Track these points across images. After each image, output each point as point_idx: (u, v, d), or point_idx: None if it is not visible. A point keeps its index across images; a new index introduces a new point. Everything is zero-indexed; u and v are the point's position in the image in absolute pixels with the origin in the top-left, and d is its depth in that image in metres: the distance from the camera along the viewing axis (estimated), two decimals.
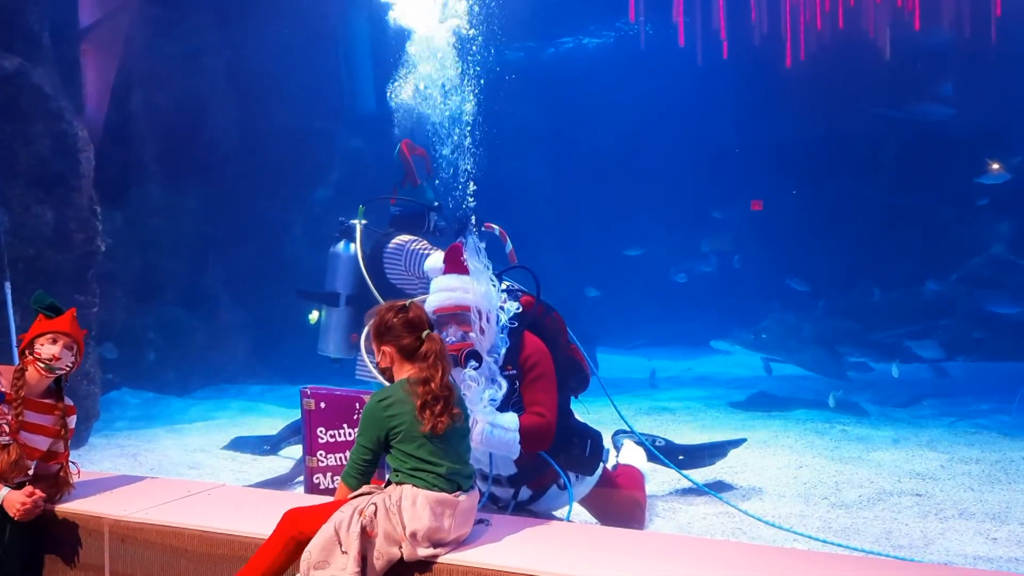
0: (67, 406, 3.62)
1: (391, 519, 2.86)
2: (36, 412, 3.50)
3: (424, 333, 3.02)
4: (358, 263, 5.37)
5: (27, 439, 3.46)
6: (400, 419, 2.92)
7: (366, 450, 2.98)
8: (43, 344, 3.48)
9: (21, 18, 6.86)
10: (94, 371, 7.20)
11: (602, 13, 15.56)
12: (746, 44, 12.19)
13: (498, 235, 5.30)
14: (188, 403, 9.79)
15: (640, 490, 4.51)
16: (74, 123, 7.11)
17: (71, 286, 7.00)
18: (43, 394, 3.55)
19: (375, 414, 2.96)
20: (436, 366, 2.96)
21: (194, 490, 3.90)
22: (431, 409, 2.89)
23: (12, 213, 6.59)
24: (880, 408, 9.07)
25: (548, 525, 3.39)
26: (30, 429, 3.46)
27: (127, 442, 7.32)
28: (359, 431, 3.02)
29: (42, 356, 3.46)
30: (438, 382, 2.93)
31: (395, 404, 2.94)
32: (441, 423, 2.89)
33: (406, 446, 2.93)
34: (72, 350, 3.54)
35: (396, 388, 2.99)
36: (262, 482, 5.85)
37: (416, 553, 2.86)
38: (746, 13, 11.99)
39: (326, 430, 4.02)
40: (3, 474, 3.40)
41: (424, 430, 2.88)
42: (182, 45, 11.02)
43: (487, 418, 3.50)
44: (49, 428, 3.53)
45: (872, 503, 5.30)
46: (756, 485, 5.75)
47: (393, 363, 3.06)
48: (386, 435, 2.95)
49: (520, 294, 3.96)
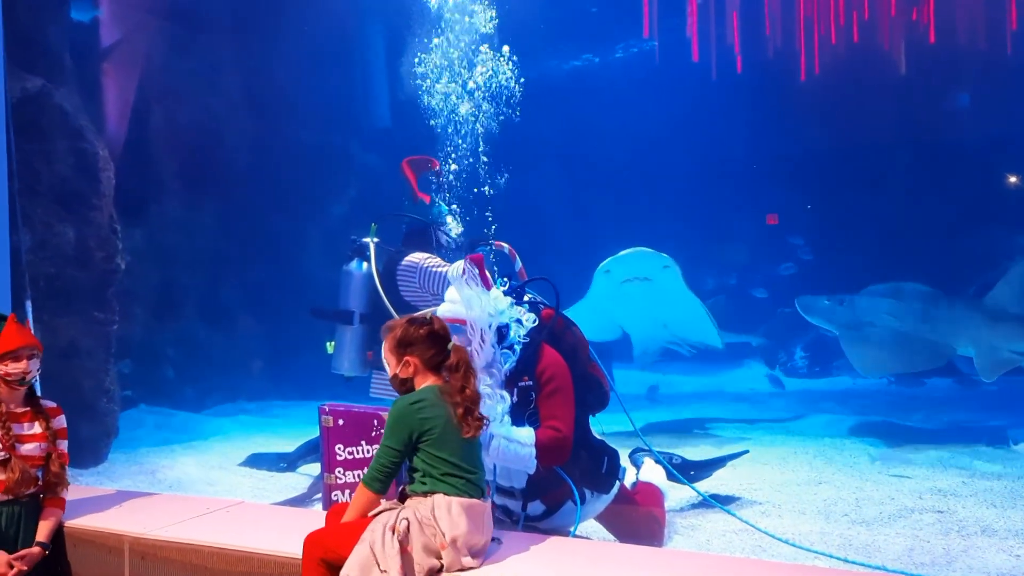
0: (49, 408, 3.60)
1: (426, 531, 2.86)
2: (20, 422, 3.49)
3: (450, 345, 3.07)
4: (371, 281, 5.39)
5: (21, 449, 3.46)
6: (433, 422, 2.94)
7: (394, 452, 2.97)
8: (7, 364, 3.44)
9: (43, 39, 6.94)
10: (113, 388, 7.24)
11: (616, 29, 15.60)
12: (760, 58, 12.20)
13: (507, 253, 5.31)
14: (206, 419, 9.82)
15: (659, 507, 4.49)
16: (95, 142, 7.19)
17: (91, 303, 7.06)
18: (22, 403, 3.54)
19: (407, 415, 2.96)
20: (468, 376, 3.02)
21: (213, 507, 3.91)
22: (471, 415, 2.96)
23: (34, 231, 6.66)
24: (901, 422, 8.98)
25: (567, 541, 3.38)
26: (21, 440, 3.47)
27: (146, 459, 7.35)
28: (386, 434, 3.01)
29: (12, 376, 3.45)
30: (473, 388, 3.00)
31: (428, 407, 2.96)
32: (479, 428, 2.97)
33: (438, 450, 2.94)
34: (36, 356, 3.52)
35: (427, 392, 3.02)
36: (281, 501, 5.86)
37: (459, 562, 2.86)
38: (760, 27, 12.01)
39: (344, 447, 4.01)
40: (13, 490, 3.41)
41: (467, 435, 2.93)
42: (200, 63, 11.14)
43: (503, 432, 3.50)
44: (38, 435, 3.52)
45: (893, 520, 5.25)
46: (775, 502, 5.70)
47: (416, 373, 3.08)
48: (417, 437, 2.95)
49: (541, 307, 3.96)
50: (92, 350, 7.05)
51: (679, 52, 12.68)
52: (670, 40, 13.52)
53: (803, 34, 11.52)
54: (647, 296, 9.12)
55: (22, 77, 6.62)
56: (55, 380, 4.13)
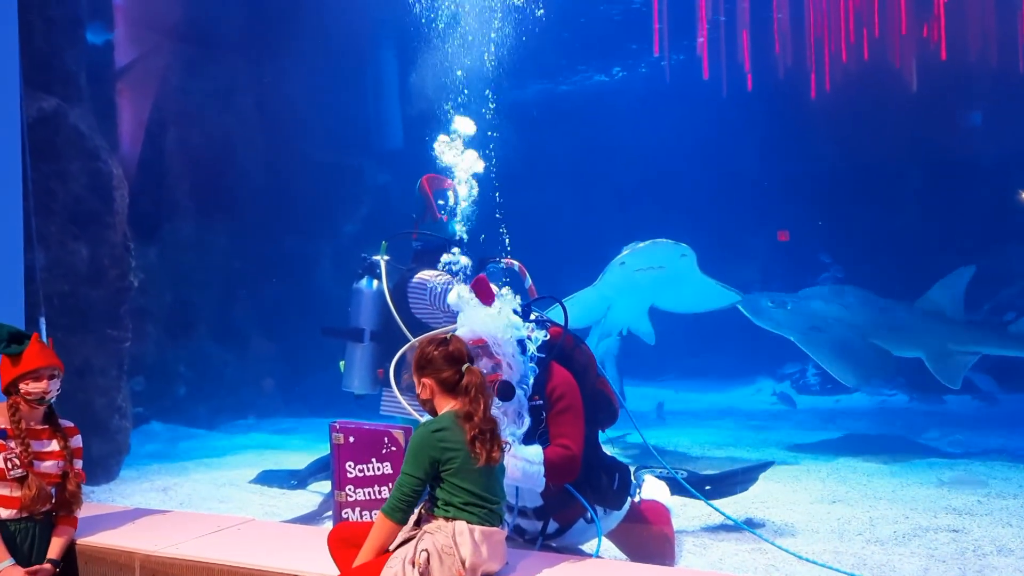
0: (67, 427, 3.60)
1: (445, 560, 2.83)
2: (39, 439, 3.49)
3: (464, 367, 3.02)
4: (381, 299, 5.39)
5: (38, 466, 3.45)
6: (454, 451, 2.89)
7: (416, 480, 2.91)
8: (28, 384, 3.43)
9: (60, 60, 7.03)
10: (125, 405, 7.27)
11: (627, 47, 15.68)
12: (771, 76, 12.23)
13: (517, 271, 5.31)
14: (217, 436, 9.85)
15: (668, 525, 4.45)
16: (109, 161, 7.26)
17: (104, 321, 7.11)
18: (40, 421, 3.54)
19: (429, 443, 2.91)
20: (478, 399, 2.94)
21: (224, 524, 3.91)
22: (481, 442, 2.88)
23: (48, 250, 6.71)
24: (914, 440, 8.91)
25: (583, 561, 3.36)
26: (38, 457, 3.46)
27: (157, 476, 7.37)
28: (407, 462, 2.95)
29: (32, 395, 3.43)
30: (481, 415, 2.92)
31: (449, 434, 2.91)
32: (495, 457, 2.89)
33: (459, 479, 2.90)
34: (57, 376, 3.51)
35: (447, 419, 2.96)
36: (292, 519, 5.86)
37: None
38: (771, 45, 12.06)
39: (355, 464, 4.01)
40: (29, 507, 3.40)
41: (480, 464, 2.87)
42: (214, 84, 11.26)
43: (511, 450, 3.49)
44: (55, 452, 3.51)
45: (908, 539, 5.20)
46: (788, 520, 5.66)
47: (434, 395, 3.05)
48: (439, 465, 2.90)
49: (549, 324, 3.96)
50: (105, 368, 7.09)
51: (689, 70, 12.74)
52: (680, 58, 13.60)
53: (813, 52, 11.56)
54: (656, 282, 8.91)
55: (38, 98, 6.70)
56: (68, 397, 4.15)
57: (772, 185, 14.02)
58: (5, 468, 3.36)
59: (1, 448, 3.37)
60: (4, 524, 3.38)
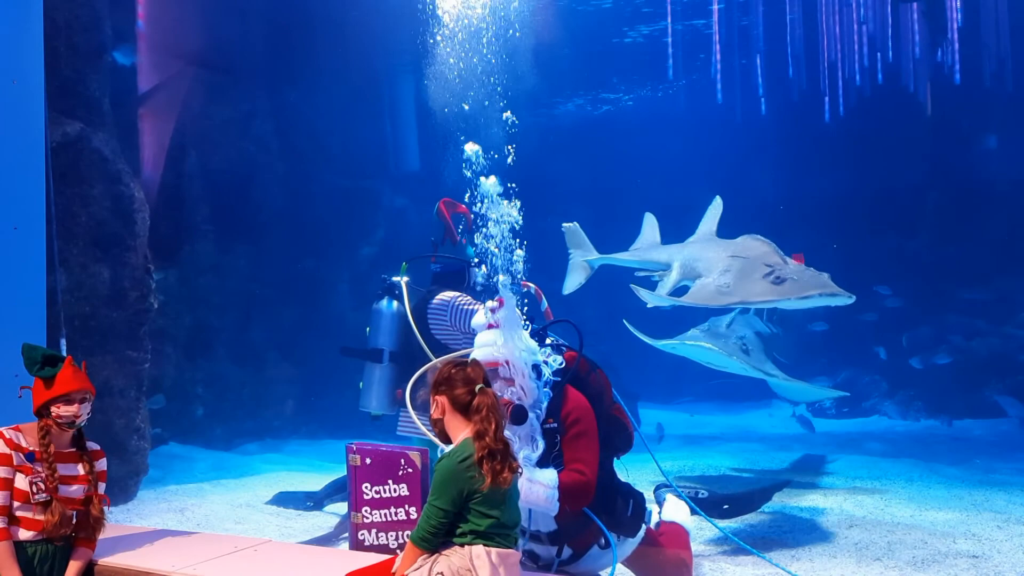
0: (94, 451, 3.61)
1: None
2: (66, 463, 3.50)
3: (478, 387, 3.05)
4: (401, 319, 5.43)
5: (63, 491, 3.46)
6: (481, 479, 2.91)
7: (444, 512, 2.93)
8: (60, 407, 3.44)
9: (84, 86, 7.16)
10: (144, 427, 7.32)
11: (642, 72, 15.78)
12: (785, 100, 12.27)
13: (534, 294, 5.34)
14: (234, 457, 9.89)
15: (686, 549, 4.44)
16: (131, 185, 7.37)
17: (124, 342, 7.18)
18: (68, 444, 3.55)
19: (456, 474, 2.92)
20: (489, 419, 2.97)
21: (240, 546, 3.94)
22: (489, 463, 2.90)
23: (70, 272, 6.81)
24: (932, 464, 8.83)
25: None
26: (64, 481, 3.47)
27: (175, 497, 7.41)
28: (433, 493, 2.97)
29: (63, 418, 3.45)
30: (492, 435, 2.94)
31: (473, 463, 2.93)
32: (505, 478, 2.90)
33: (486, 507, 2.92)
34: (88, 400, 3.53)
35: (468, 447, 2.97)
36: (308, 540, 5.88)
37: None
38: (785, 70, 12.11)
39: (372, 486, 4.04)
40: (51, 533, 3.42)
41: (486, 485, 2.88)
42: (234, 110, 11.43)
43: (525, 474, 3.50)
44: (80, 477, 3.52)
45: (927, 564, 5.15)
46: (805, 544, 5.62)
47: (445, 414, 3.09)
48: (467, 495, 2.92)
49: (564, 349, 3.97)
50: (124, 389, 7.16)
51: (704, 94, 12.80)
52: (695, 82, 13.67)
53: (827, 76, 11.60)
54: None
55: (62, 122, 6.82)
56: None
57: (788, 208, 14.00)
58: (30, 491, 3.38)
59: (27, 471, 3.39)
60: (23, 546, 3.40)
